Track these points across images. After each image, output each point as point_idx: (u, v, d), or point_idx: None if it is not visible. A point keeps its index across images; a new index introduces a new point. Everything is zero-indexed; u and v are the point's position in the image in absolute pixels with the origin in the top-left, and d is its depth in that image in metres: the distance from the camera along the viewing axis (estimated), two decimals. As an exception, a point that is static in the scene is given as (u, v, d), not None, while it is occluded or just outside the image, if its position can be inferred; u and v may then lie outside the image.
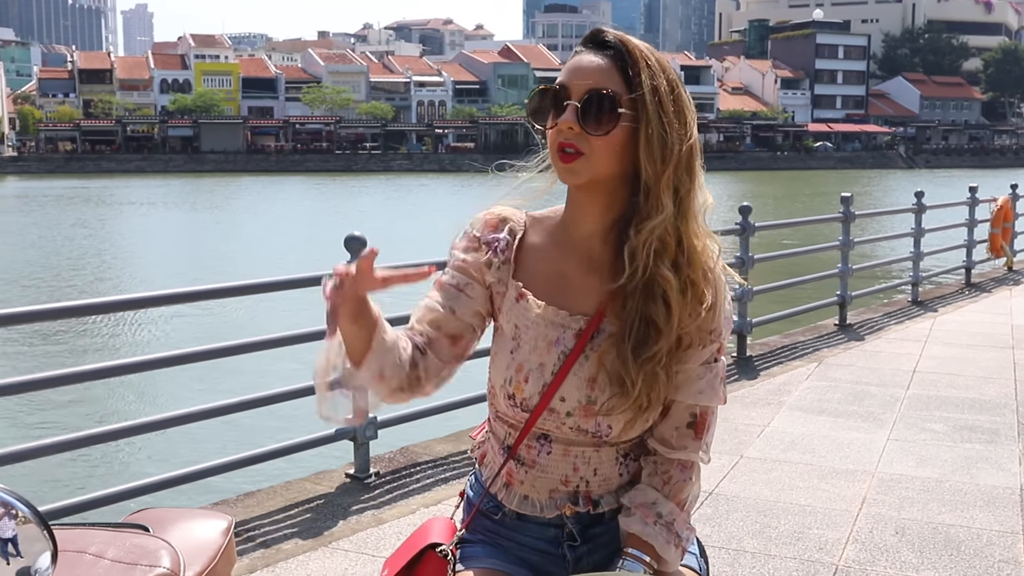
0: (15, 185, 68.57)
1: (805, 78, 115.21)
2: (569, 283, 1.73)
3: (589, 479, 1.76)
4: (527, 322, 1.72)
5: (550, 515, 1.78)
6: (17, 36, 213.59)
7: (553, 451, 1.75)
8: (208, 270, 23.04)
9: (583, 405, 1.70)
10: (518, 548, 1.81)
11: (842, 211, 9.28)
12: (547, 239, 1.76)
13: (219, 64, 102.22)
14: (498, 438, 1.82)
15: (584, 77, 1.64)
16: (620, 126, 1.63)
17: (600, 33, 1.69)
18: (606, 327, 1.70)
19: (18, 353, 13.95)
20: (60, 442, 4.25)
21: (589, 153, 1.63)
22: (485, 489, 1.84)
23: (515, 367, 1.73)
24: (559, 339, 1.71)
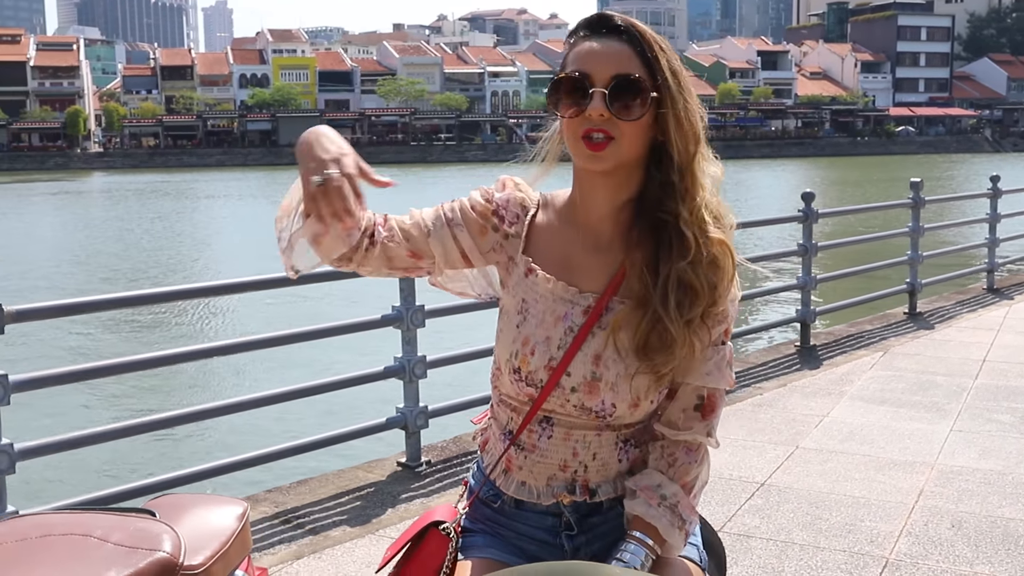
0: (101, 180, 70.47)
1: (886, 61, 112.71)
2: (578, 262, 1.75)
3: (588, 464, 1.76)
4: (535, 296, 1.74)
5: (547, 502, 1.78)
6: (103, 35, 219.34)
7: (554, 435, 1.76)
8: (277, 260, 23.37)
9: (588, 381, 1.71)
10: (517, 537, 1.82)
11: (911, 197, 9.06)
12: (557, 219, 1.79)
13: (296, 58, 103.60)
14: (500, 424, 1.83)
15: (606, 63, 1.65)
16: (649, 110, 1.66)
17: (608, 18, 1.69)
18: (615, 305, 1.72)
19: (96, 339, 14.36)
20: (126, 427, 4.36)
21: (619, 138, 1.65)
22: (485, 476, 1.84)
23: (521, 340, 1.74)
24: (567, 314, 1.73)
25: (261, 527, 4.31)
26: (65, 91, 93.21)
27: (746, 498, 4.58)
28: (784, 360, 7.39)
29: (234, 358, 9.41)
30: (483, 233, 1.78)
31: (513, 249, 1.78)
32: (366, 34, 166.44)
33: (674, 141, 1.67)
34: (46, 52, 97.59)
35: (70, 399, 9.59)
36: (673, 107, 1.66)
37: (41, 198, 52.63)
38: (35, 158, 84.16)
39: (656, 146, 1.70)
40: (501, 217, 1.78)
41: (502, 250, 1.79)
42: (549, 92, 1.72)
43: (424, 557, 1.78)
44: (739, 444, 5.38)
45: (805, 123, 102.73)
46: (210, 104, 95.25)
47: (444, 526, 1.80)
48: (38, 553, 1.67)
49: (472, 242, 1.78)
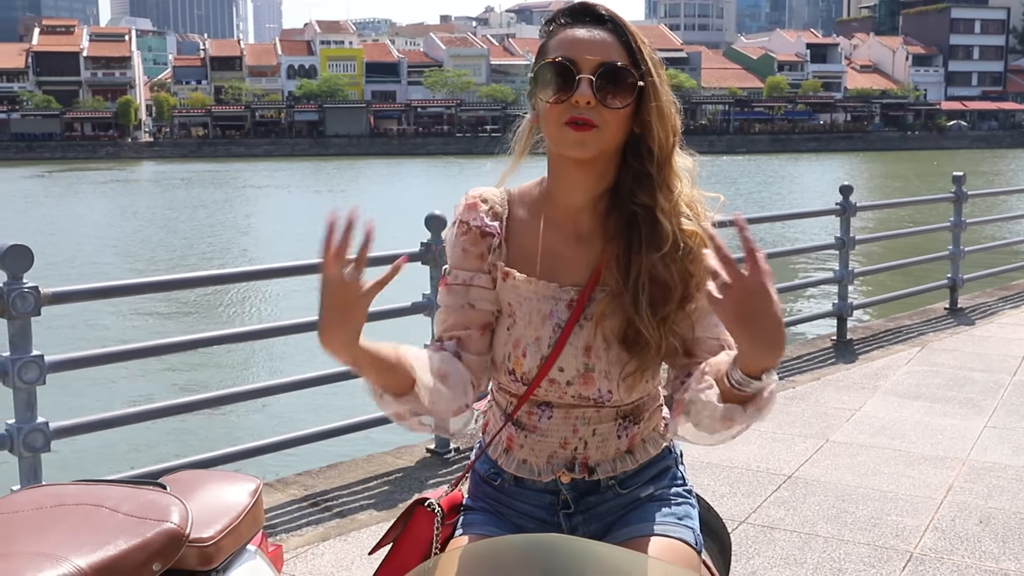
0: (150, 169, 71.45)
1: (938, 54, 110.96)
2: (558, 256, 1.75)
3: (588, 440, 1.78)
4: (519, 298, 1.75)
5: (546, 479, 1.81)
6: (154, 26, 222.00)
7: (554, 415, 1.78)
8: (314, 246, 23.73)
9: (581, 373, 1.73)
10: (516, 516, 1.85)
11: (954, 191, 8.95)
12: (532, 214, 1.79)
13: (344, 50, 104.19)
14: (500, 407, 1.86)
15: (592, 51, 1.66)
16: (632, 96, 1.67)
17: (592, 7, 1.70)
18: (597, 295, 1.73)
19: (132, 322, 14.60)
20: (157, 408, 4.47)
21: (602, 126, 1.65)
22: (486, 455, 1.87)
23: (512, 343, 1.76)
24: (552, 312, 1.74)
25: (290, 509, 4.39)
26: (117, 81, 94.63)
27: (772, 490, 4.58)
28: (819, 354, 7.34)
29: (268, 343, 9.51)
30: (484, 260, 1.78)
31: (499, 257, 1.78)
32: (413, 26, 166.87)
33: (655, 132, 1.68)
34: (99, 43, 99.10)
35: (104, 380, 9.77)
36: (656, 98, 1.67)
37: (91, 186, 53.49)
38: (87, 147, 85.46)
39: (632, 137, 1.71)
40: (489, 234, 1.78)
41: (496, 267, 1.78)
42: (532, 79, 1.71)
43: (414, 535, 1.82)
44: (768, 436, 5.37)
45: (854, 117, 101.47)
46: (258, 95, 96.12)
47: (428, 502, 1.84)
48: (52, 521, 1.73)
49: (488, 277, 1.78)
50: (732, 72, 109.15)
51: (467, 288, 1.78)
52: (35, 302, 3.63)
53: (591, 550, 1.39)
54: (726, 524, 4.21)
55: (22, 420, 3.69)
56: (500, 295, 1.78)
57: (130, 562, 1.65)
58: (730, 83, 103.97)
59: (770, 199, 40.43)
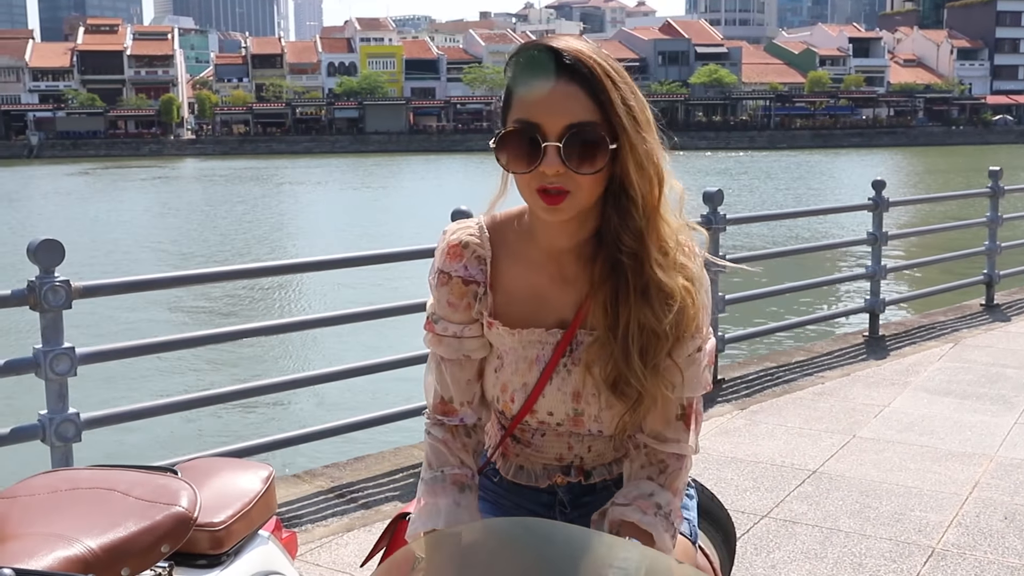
0: (193, 166, 72.27)
1: (984, 48, 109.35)
2: (542, 299, 1.70)
3: (584, 455, 1.80)
4: (505, 346, 1.73)
5: (543, 484, 1.83)
6: (196, 25, 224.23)
7: (547, 434, 1.79)
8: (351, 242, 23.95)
9: (571, 417, 1.74)
10: (515, 508, 1.87)
11: (990, 186, 8.86)
12: (516, 255, 1.72)
13: (383, 47, 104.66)
14: (496, 428, 1.88)
15: (556, 112, 1.53)
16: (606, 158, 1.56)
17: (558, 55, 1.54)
18: (583, 338, 1.70)
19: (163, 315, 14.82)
20: (187, 400, 4.57)
21: (576, 191, 1.55)
22: (486, 455, 1.89)
23: (500, 386, 1.75)
24: (539, 356, 1.71)
25: (316, 500, 4.45)
26: (160, 79, 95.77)
27: (796, 485, 4.58)
28: (850, 349, 7.30)
29: (296, 336, 9.61)
30: (471, 309, 1.72)
31: (485, 305, 1.72)
32: (453, 22, 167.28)
33: (636, 185, 1.57)
34: (142, 42, 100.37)
35: (135, 373, 9.93)
36: (632, 153, 1.55)
37: (134, 183, 54.21)
38: (130, 144, 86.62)
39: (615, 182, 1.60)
40: (475, 282, 1.71)
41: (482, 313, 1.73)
42: (496, 147, 1.58)
43: (399, 546, 1.83)
44: (794, 432, 5.36)
45: (898, 112, 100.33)
46: (299, 92, 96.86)
47: (408, 515, 1.83)
48: (66, 504, 1.79)
49: (476, 325, 1.73)
50: (773, 67, 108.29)
51: (459, 340, 1.73)
52: (66, 295, 3.72)
53: (574, 535, 1.40)
54: (748, 518, 4.23)
55: (54, 411, 3.78)
56: (490, 337, 1.74)
57: (139, 544, 1.71)
58: (771, 78, 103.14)
59: (807, 195, 40.13)
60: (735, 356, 7.96)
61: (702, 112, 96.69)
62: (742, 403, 5.93)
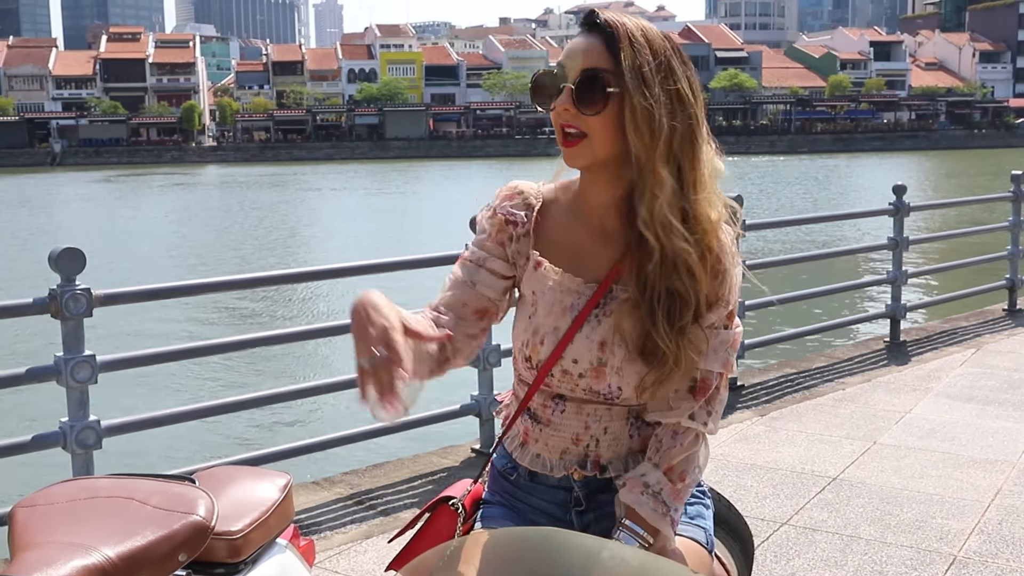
0: (215, 172, 72.71)
1: (1007, 51, 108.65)
2: (583, 252, 1.79)
3: (600, 438, 1.81)
4: (544, 288, 1.78)
5: (559, 475, 1.83)
6: (217, 32, 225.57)
7: (567, 409, 1.81)
8: (372, 248, 24.02)
9: (594, 367, 1.76)
10: (530, 511, 1.88)
11: (1012, 190, 8.79)
12: (563, 210, 1.83)
13: (403, 53, 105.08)
14: (518, 399, 1.89)
15: (577, 59, 1.69)
16: (612, 105, 1.66)
17: (592, 15, 1.72)
18: (618, 293, 1.76)
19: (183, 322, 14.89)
20: (206, 407, 4.57)
21: (591, 134, 1.68)
22: (504, 449, 1.91)
23: (532, 330, 1.79)
24: (573, 304, 1.77)
25: (335, 507, 4.47)
26: (181, 87, 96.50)
27: (816, 492, 4.55)
28: (871, 355, 7.26)
29: (315, 343, 9.67)
30: (505, 247, 1.82)
31: (526, 247, 1.81)
32: (472, 28, 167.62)
33: (632, 142, 1.67)
34: (164, 49, 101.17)
35: (155, 380, 9.97)
36: (630, 103, 1.65)
37: (156, 190, 54.60)
38: (152, 151, 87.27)
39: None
40: (513, 223, 1.82)
41: (520, 254, 1.83)
42: (531, 85, 1.76)
43: (435, 531, 1.86)
44: (815, 438, 5.33)
45: (919, 115, 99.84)
46: (319, 99, 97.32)
47: (453, 502, 1.88)
48: (85, 513, 1.80)
49: (503, 263, 1.82)
50: (794, 71, 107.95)
51: (477, 268, 1.81)
52: (87, 304, 3.75)
53: (593, 544, 1.41)
54: (767, 526, 4.21)
55: (75, 418, 3.81)
56: (525, 284, 1.81)
57: (157, 552, 1.72)
58: (791, 82, 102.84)
59: (827, 199, 39.95)
60: (755, 362, 7.93)
61: (722, 117, 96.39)
62: (762, 409, 5.91)
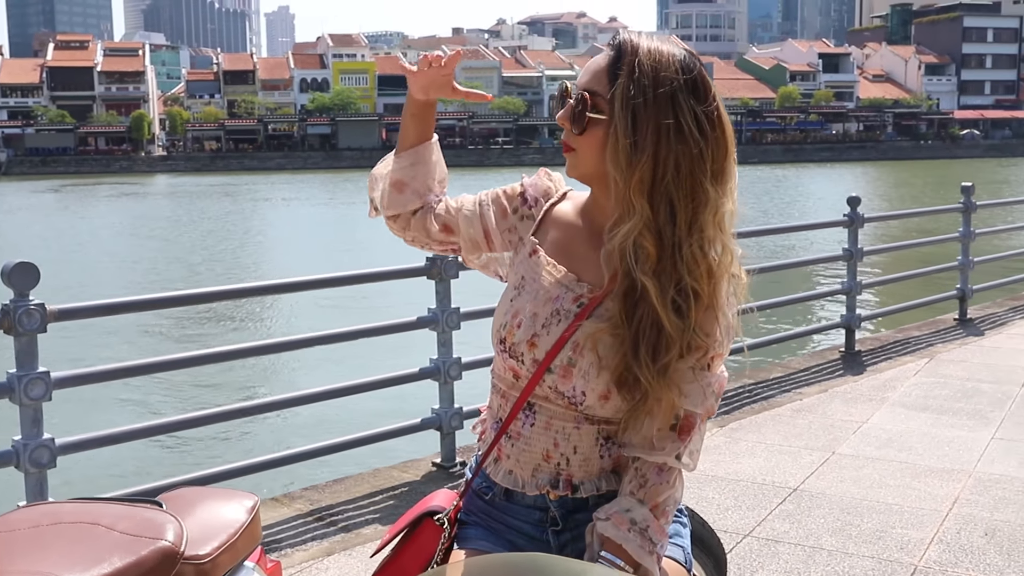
0: (165, 182, 71.89)
1: (951, 63, 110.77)
2: (579, 254, 1.80)
3: (570, 457, 1.79)
4: (534, 275, 1.80)
5: (532, 493, 1.82)
6: (168, 41, 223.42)
7: (536, 423, 1.79)
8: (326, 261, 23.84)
9: (563, 365, 1.74)
10: (507, 531, 1.86)
11: (962, 201, 8.94)
12: (571, 214, 1.86)
13: (356, 63, 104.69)
14: (492, 412, 1.88)
15: (584, 76, 1.75)
16: (596, 128, 1.70)
17: (617, 34, 1.77)
18: (603, 310, 1.74)
19: (137, 338, 14.68)
20: (162, 424, 4.49)
21: (578, 150, 1.75)
22: (479, 466, 1.89)
23: (511, 313, 1.79)
24: (558, 297, 1.77)
25: (295, 524, 4.40)
26: (131, 96, 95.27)
27: (777, 503, 4.57)
28: (827, 365, 7.33)
29: (272, 358, 9.60)
30: (504, 215, 1.89)
31: (524, 230, 1.86)
32: (425, 38, 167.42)
33: (608, 165, 1.69)
34: (113, 58, 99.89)
35: (110, 397, 9.81)
36: (613, 132, 1.67)
37: (104, 200, 53.83)
38: (101, 161, 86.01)
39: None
40: (525, 199, 1.89)
41: (515, 231, 1.87)
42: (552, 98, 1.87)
43: (418, 546, 1.84)
44: (775, 449, 5.36)
45: (867, 126, 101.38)
46: (271, 108, 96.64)
47: (439, 517, 1.85)
48: (48, 539, 1.75)
49: (494, 221, 1.89)
50: (744, 82, 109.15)
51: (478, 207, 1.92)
52: (41, 319, 3.66)
53: (580, 570, 1.39)
54: (730, 537, 4.23)
55: (28, 436, 3.71)
56: (515, 269, 1.85)
57: (125, 580, 1.67)
58: (742, 93, 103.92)
59: (779, 210, 40.35)
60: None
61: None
62: (721, 420, 5.93)
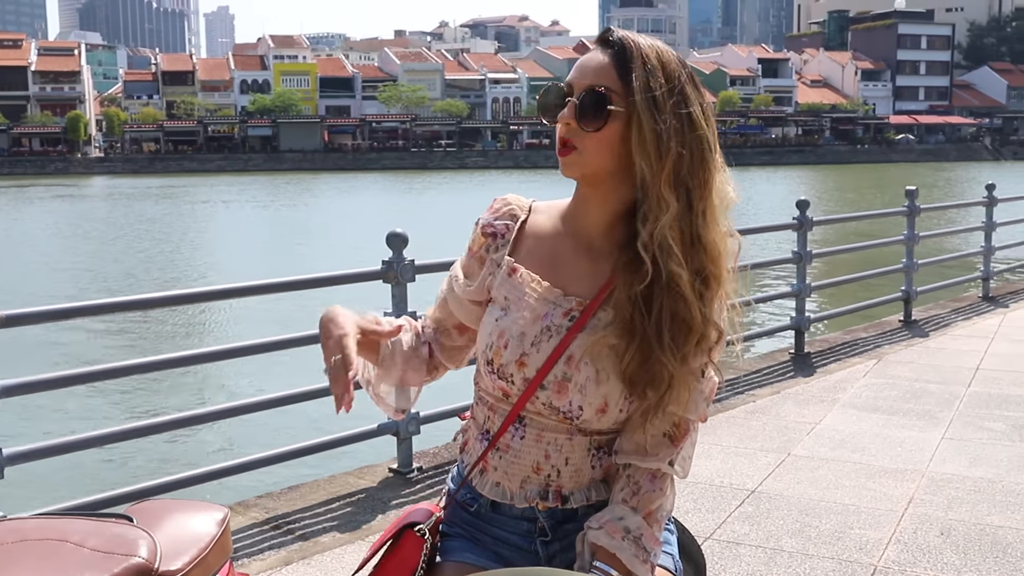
0: (102, 184, 70.58)
1: (886, 69, 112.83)
2: (564, 265, 1.76)
3: (560, 468, 1.75)
4: (518, 294, 1.75)
5: (520, 505, 1.78)
6: (104, 40, 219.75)
7: (527, 435, 1.75)
8: (270, 266, 23.56)
9: (558, 380, 1.70)
10: (493, 542, 1.81)
11: (907, 205, 9.08)
12: (549, 225, 1.80)
13: (297, 64, 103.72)
14: (478, 423, 1.83)
15: (585, 75, 1.69)
16: (613, 124, 1.65)
17: (607, 32, 1.72)
18: (601, 315, 1.71)
19: (86, 344, 14.36)
20: (114, 432, 4.37)
21: (581, 149, 1.68)
22: (463, 478, 1.85)
23: (497, 333, 1.74)
24: (547, 314, 1.72)
25: (251, 533, 4.32)
26: (66, 96, 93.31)
27: (736, 505, 4.59)
28: (778, 367, 7.40)
29: (226, 364, 9.45)
30: (484, 262, 1.82)
31: (500, 256, 1.79)
32: (368, 40, 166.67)
33: (637, 162, 1.65)
34: (47, 57, 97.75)
35: (59, 405, 9.58)
36: (638, 124, 1.63)
37: (38, 201, 52.69)
38: (35, 163, 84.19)
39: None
40: (493, 235, 1.81)
41: (492, 264, 1.80)
42: (539, 98, 1.77)
43: (400, 559, 1.78)
44: (731, 451, 5.39)
45: (805, 131, 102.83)
46: (211, 110, 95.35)
47: (419, 527, 1.80)
48: (15, 558, 1.67)
49: (477, 291, 1.81)
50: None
51: (452, 290, 1.87)
52: (-12, 325, 3.55)
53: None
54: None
55: (-25, 447, 3.60)
56: (497, 289, 1.78)
57: (97, 598, 1.60)
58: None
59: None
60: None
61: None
62: (677, 423, 5.93)
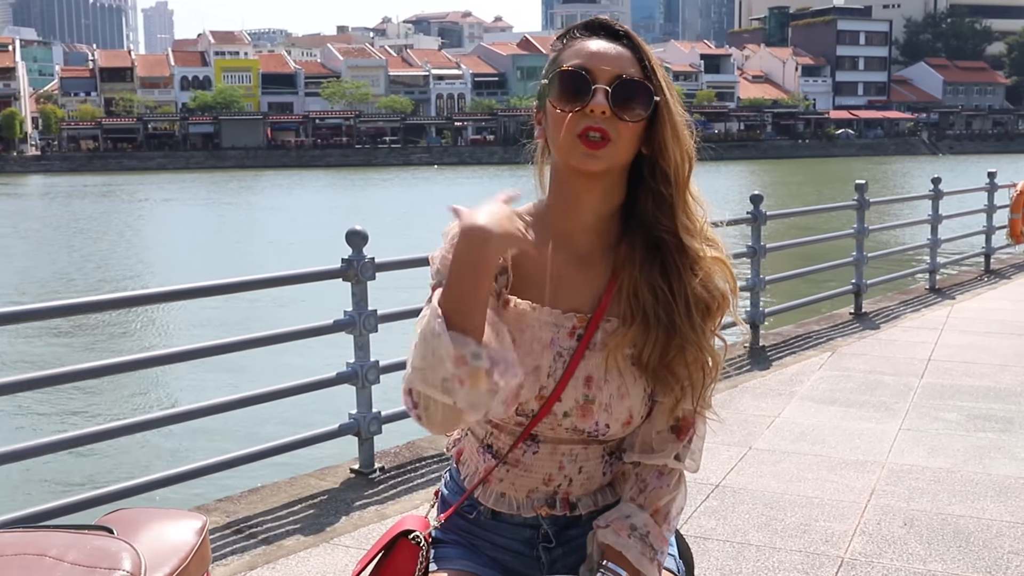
0: (38, 182, 69.22)
1: (826, 65, 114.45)
2: (559, 279, 1.67)
3: (573, 477, 1.71)
4: (520, 326, 1.65)
5: (526, 515, 1.73)
6: (39, 36, 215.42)
7: (540, 451, 1.70)
8: (214, 265, 23.24)
9: (580, 404, 1.65)
10: (492, 548, 1.77)
11: (856, 199, 9.18)
12: (535, 237, 1.67)
13: (239, 60, 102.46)
14: (477, 436, 1.77)
15: (609, 63, 1.62)
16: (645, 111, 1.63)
17: (609, 23, 1.68)
18: (606, 325, 1.66)
19: (36, 348, 14.04)
20: (71, 438, 4.24)
21: (616, 139, 1.59)
22: (460, 487, 1.79)
23: None
24: (553, 339, 1.65)
25: (212, 537, 4.22)
26: (0, 93, 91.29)
27: (702, 500, 4.59)
28: (735, 360, 7.44)
29: (182, 366, 9.31)
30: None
31: (503, 284, 1.68)
32: (310, 36, 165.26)
33: (671, 153, 1.63)
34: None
35: (9, 410, 9.36)
36: (670, 118, 1.63)
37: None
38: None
39: (642, 159, 1.66)
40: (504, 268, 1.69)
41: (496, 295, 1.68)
42: (547, 86, 1.64)
43: (395, 567, 1.73)
44: (693, 446, 5.39)
45: (747, 126, 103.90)
46: (151, 107, 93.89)
47: (414, 535, 1.75)
48: (-10, 574, 1.60)
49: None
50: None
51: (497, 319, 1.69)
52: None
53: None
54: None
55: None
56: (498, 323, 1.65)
57: (80, 614, 1.54)
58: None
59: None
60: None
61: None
62: (637, 418, 5.94)
